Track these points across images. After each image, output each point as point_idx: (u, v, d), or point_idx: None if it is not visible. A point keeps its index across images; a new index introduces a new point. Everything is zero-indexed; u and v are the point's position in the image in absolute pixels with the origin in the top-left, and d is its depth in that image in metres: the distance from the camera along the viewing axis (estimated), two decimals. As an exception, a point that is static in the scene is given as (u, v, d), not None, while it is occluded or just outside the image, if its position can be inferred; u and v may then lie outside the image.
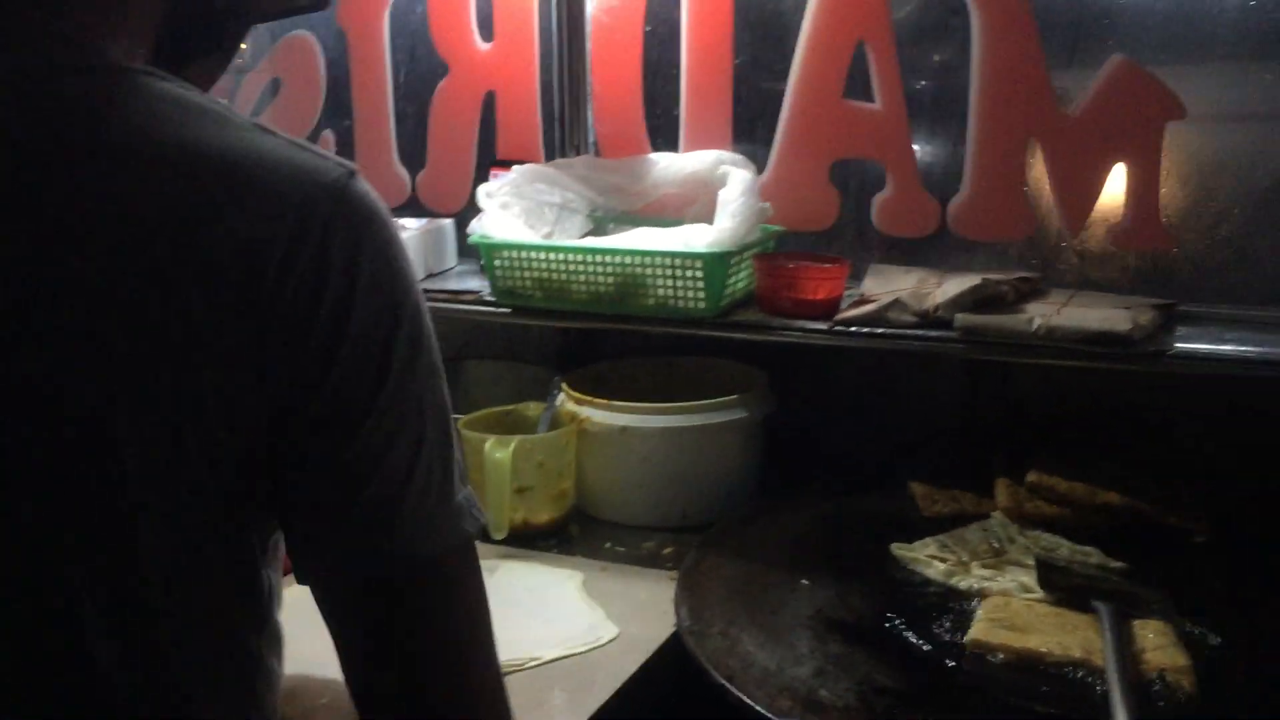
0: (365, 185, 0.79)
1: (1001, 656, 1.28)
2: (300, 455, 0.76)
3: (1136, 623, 1.32)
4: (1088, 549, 1.52)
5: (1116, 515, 1.59)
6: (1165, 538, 1.55)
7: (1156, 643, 1.28)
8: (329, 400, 0.75)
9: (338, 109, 2.13)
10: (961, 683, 1.26)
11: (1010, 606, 1.37)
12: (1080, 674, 1.24)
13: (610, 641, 1.37)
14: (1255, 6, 1.57)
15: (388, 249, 0.77)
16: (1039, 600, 1.39)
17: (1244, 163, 1.65)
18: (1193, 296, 1.64)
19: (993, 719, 1.20)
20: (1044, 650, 1.27)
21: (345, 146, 2.13)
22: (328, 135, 2.14)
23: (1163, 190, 1.64)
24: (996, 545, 1.54)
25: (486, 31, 1.98)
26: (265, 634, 0.85)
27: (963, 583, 1.45)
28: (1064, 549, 1.53)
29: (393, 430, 0.76)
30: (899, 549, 1.53)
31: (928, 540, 1.54)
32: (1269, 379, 1.50)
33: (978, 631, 1.31)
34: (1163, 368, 1.48)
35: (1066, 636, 1.29)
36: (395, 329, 0.76)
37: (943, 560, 1.49)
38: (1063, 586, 1.39)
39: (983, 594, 1.42)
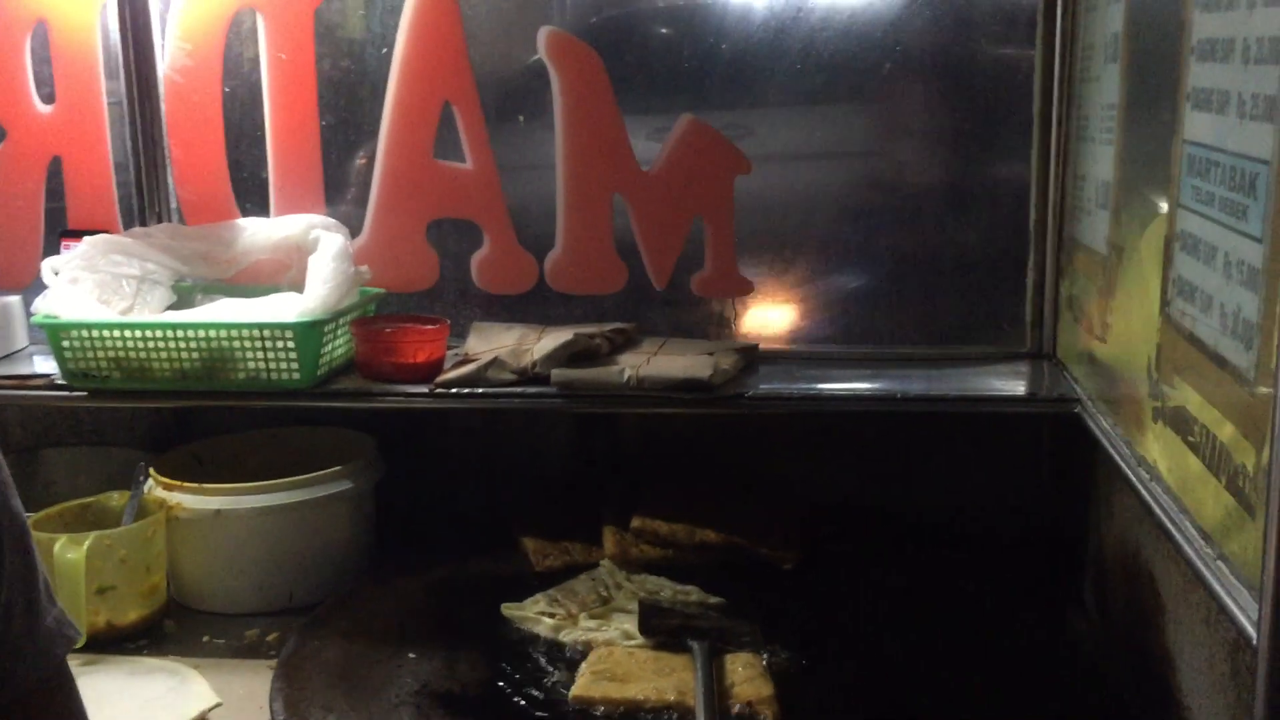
0: None
1: (603, 709, 1.30)
2: None
3: (729, 656, 1.38)
4: (688, 588, 1.58)
5: (716, 551, 1.66)
6: (760, 568, 1.64)
7: (745, 675, 1.34)
8: None
9: (-124, 178, 1.90)
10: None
11: (614, 656, 1.39)
12: (675, 717, 1.28)
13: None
14: (800, 67, 1.71)
15: None
16: (641, 646, 1.42)
17: (805, 205, 1.79)
18: (771, 337, 1.75)
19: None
20: (641, 698, 1.30)
21: (-112, 220, 1.90)
22: None
23: (741, 236, 1.75)
24: (604, 593, 1.56)
25: (47, 92, 1.83)
26: None
27: (569, 636, 1.46)
28: (667, 590, 1.58)
29: None
30: (509, 609, 1.52)
31: (538, 597, 1.55)
32: (834, 413, 1.63)
33: (580, 687, 1.32)
34: (743, 409, 1.57)
35: (663, 680, 1.33)
36: None
37: (551, 615, 1.50)
38: (662, 629, 1.44)
39: (589, 645, 1.44)
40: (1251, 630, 0.86)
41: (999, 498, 1.74)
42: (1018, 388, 1.59)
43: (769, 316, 1.79)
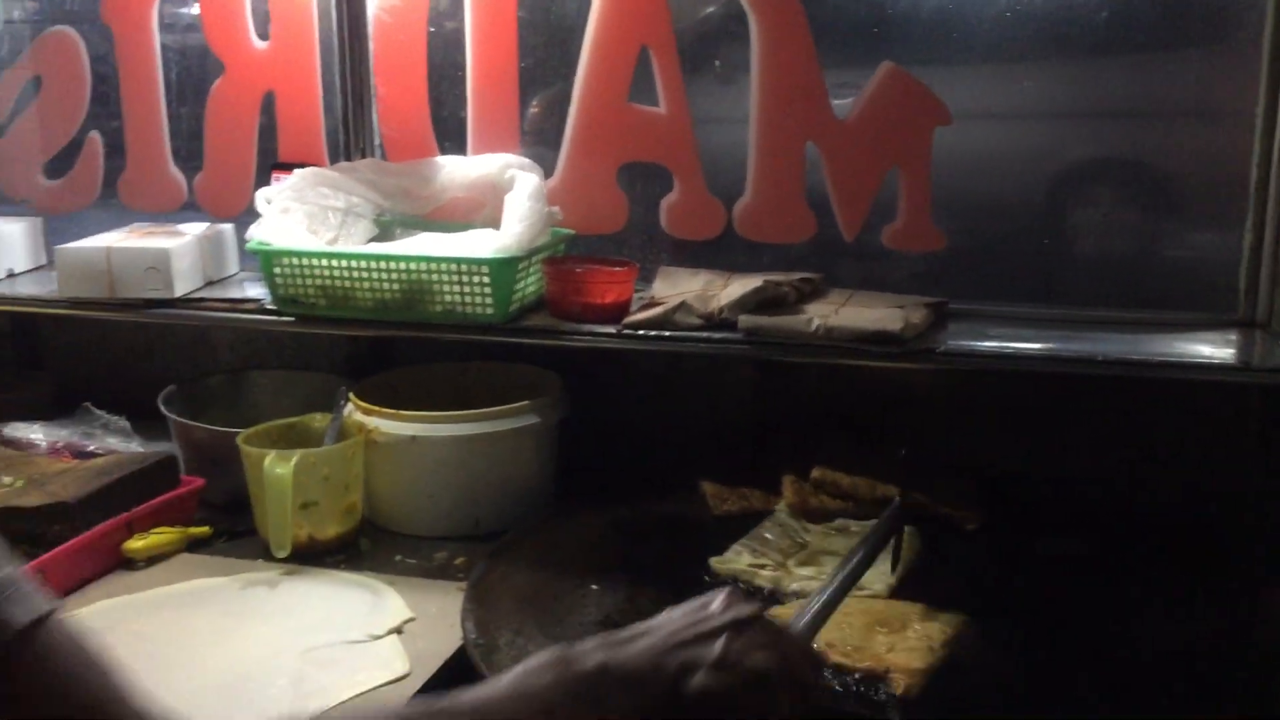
0: None
1: None
2: None
3: (914, 619, 1.36)
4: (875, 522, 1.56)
5: (896, 507, 1.64)
6: (939, 528, 1.62)
7: (907, 644, 1.30)
8: None
9: (106, 109, 2.02)
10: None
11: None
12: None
13: (401, 678, 1.32)
14: (1010, 16, 1.65)
15: None
16: (868, 595, 1.41)
17: (1007, 163, 1.74)
18: (962, 294, 1.71)
19: None
20: None
21: (115, 148, 2.02)
22: (95, 137, 2.02)
23: (934, 191, 1.71)
24: (797, 539, 1.57)
25: (263, 29, 1.91)
26: None
27: (789, 585, 1.46)
28: (854, 525, 1.58)
29: None
30: (718, 563, 1.51)
31: (738, 548, 1.54)
32: (1029, 373, 1.58)
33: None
34: (932, 364, 1.54)
35: (824, 632, 1.28)
36: None
37: (762, 567, 1.50)
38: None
39: (802, 593, 1.43)
40: None
41: (1196, 471, 1.67)
42: (1228, 355, 1.52)
43: (960, 272, 1.75)
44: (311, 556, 1.59)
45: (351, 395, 1.73)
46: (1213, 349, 1.53)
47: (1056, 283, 1.72)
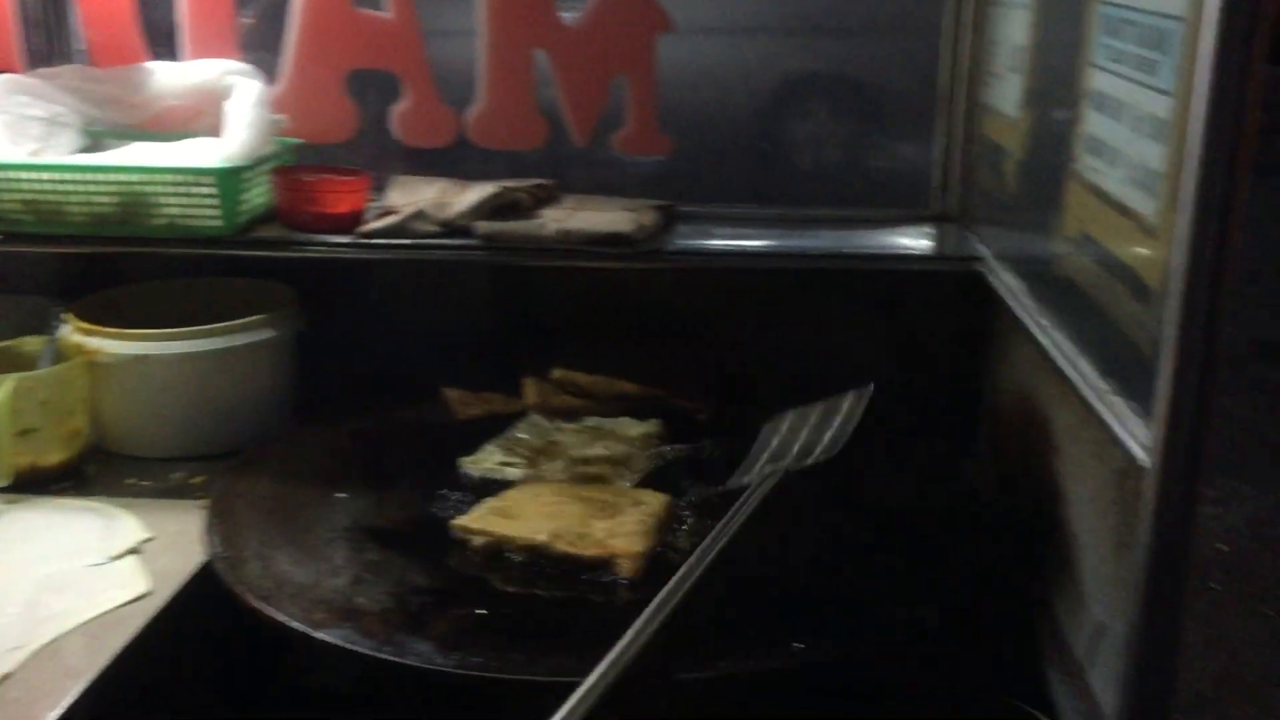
0: None
1: (480, 541, 1.33)
2: None
3: (630, 506, 1.42)
4: (621, 419, 1.64)
5: (634, 402, 1.72)
6: (675, 419, 1.70)
7: (625, 529, 1.34)
8: None
9: None
10: (495, 576, 1.31)
11: (520, 496, 1.41)
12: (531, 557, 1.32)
13: (143, 596, 1.29)
14: (727, -72, 1.72)
15: None
16: (569, 481, 1.47)
17: (729, 73, 1.83)
18: (689, 197, 1.79)
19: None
20: (511, 535, 1.32)
21: None
22: None
23: (661, 100, 1.77)
24: (550, 439, 1.61)
25: (-61, -80, 1.74)
26: None
27: (515, 475, 1.50)
28: (606, 424, 1.64)
29: None
30: (469, 462, 1.53)
31: (490, 448, 1.57)
32: (749, 269, 1.69)
33: (464, 519, 1.36)
34: (662, 263, 1.62)
35: (545, 523, 1.34)
36: None
37: (512, 465, 1.53)
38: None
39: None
40: (1142, 454, 0.95)
41: (904, 355, 1.82)
42: (924, 246, 1.67)
43: (686, 177, 1.82)
44: (35, 484, 1.51)
45: (71, 316, 1.64)
46: (911, 241, 1.68)
47: (775, 185, 1.83)
